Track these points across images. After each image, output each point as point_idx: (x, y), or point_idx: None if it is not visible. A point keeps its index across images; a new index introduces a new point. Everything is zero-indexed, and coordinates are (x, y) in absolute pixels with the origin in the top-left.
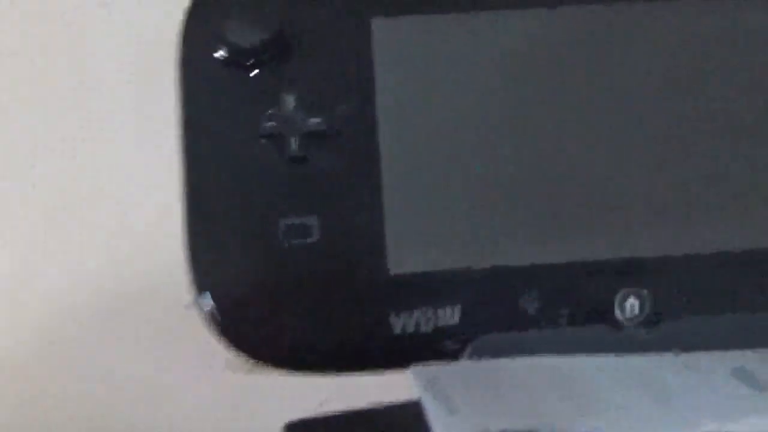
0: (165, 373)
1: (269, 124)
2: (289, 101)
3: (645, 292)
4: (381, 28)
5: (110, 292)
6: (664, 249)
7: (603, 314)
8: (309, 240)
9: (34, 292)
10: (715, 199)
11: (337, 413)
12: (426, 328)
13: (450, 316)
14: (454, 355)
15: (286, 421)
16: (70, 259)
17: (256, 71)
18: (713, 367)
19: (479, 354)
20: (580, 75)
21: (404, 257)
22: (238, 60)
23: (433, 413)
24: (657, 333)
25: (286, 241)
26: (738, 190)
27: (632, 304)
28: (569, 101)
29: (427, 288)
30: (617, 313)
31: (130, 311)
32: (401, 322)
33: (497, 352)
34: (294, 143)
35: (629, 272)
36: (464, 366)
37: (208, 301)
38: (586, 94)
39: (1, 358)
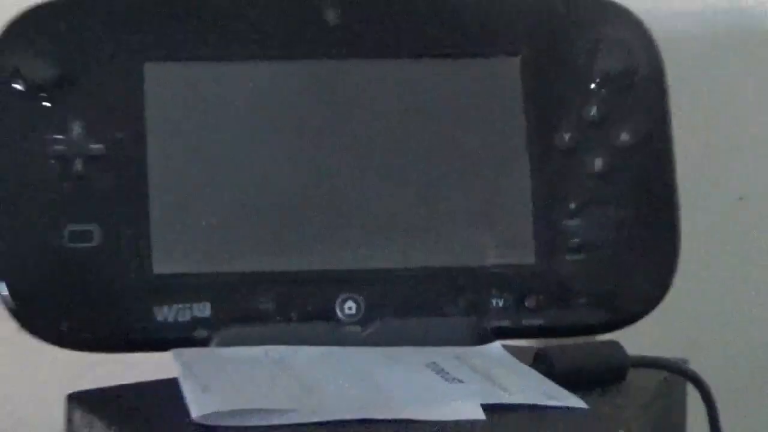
0: None
1: (58, 147)
2: (76, 128)
3: (360, 297)
4: (152, 71)
5: None
6: (376, 263)
7: (326, 314)
8: (90, 244)
9: None
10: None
11: (112, 387)
12: (183, 318)
13: (202, 310)
14: (205, 343)
15: (69, 393)
16: None
17: (48, 103)
18: (413, 360)
19: (225, 342)
20: (317, 117)
21: (166, 260)
22: (33, 92)
23: (189, 390)
24: (370, 330)
25: (70, 243)
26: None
27: (350, 306)
28: (309, 138)
29: (183, 286)
30: (338, 313)
31: None
32: (163, 313)
33: (240, 341)
34: (79, 163)
35: (348, 280)
36: (214, 352)
37: (3, 289)
38: (322, 132)
39: None
